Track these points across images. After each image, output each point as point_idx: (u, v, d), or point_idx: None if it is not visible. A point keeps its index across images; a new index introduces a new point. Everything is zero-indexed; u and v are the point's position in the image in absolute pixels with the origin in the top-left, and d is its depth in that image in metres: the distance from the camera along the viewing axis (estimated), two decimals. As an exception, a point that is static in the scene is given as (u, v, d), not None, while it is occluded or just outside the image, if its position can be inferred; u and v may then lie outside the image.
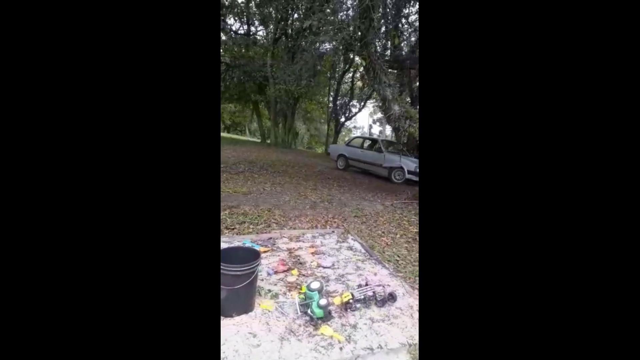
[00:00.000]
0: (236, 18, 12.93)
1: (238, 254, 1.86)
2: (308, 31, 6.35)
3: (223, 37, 12.80)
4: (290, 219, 3.74)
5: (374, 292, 1.96)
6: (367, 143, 8.83)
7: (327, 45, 8.10)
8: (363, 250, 2.92)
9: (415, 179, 6.77)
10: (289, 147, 14.45)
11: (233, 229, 3.18)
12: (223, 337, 1.53)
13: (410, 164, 7.04)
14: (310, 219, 3.82)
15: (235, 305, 1.71)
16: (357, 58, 11.82)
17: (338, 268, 2.48)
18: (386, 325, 1.76)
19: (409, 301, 2.03)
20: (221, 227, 3.16)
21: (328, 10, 6.66)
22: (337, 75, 15.61)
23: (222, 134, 19.73)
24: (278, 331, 1.63)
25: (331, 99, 16.77)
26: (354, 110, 17.37)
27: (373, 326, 1.75)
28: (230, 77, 14.21)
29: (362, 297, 1.92)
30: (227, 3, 11.39)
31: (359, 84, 16.36)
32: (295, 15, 11.64)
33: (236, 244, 2.68)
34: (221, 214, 3.52)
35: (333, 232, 3.40)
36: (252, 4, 12.14)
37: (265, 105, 15.96)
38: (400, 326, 1.77)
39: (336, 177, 7.41)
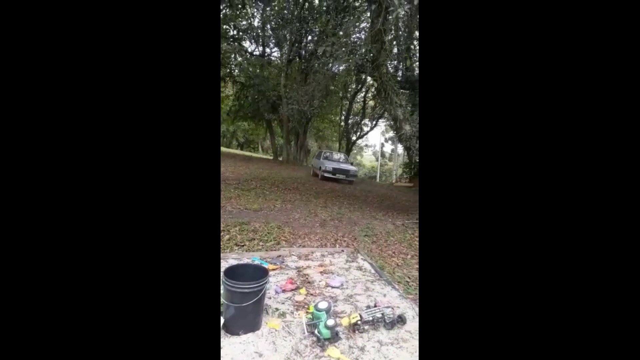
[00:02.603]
0: (252, 41, 13.44)
1: (246, 271, 1.87)
2: (321, 54, 6.56)
3: (239, 59, 13.27)
4: (300, 236, 3.74)
5: (382, 314, 1.92)
6: (322, 155, 11.19)
7: (340, 67, 8.33)
8: (373, 271, 2.88)
9: (327, 175, 9.38)
10: (301, 165, 14.58)
11: (243, 245, 3.20)
12: (229, 356, 1.52)
13: (327, 165, 9.54)
14: (319, 237, 3.81)
15: (242, 323, 1.71)
16: (369, 78, 12.06)
17: (347, 288, 2.45)
18: (395, 349, 1.71)
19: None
20: (231, 244, 3.18)
21: (341, 33, 6.88)
22: (349, 95, 15.87)
23: (236, 151, 20.09)
24: (284, 351, 1.61)
25: (343, 117, 16.98)
26: (365, 129, 17.52)
27: (381, 349, 1.70)
28: (245, 96, 14.64)
29: (371, 318, 1.89)
30: (244, 26, 11.90)
31: (371, 103, 16.55)
32: (309, 38, 12.03)
33: (245, 260, 2.69)
34: (232, 230, 3.55)
35: (342, 251, 3.37)
36: (268, 27, 12.63)
37: (278, 124, 16.27)
38: (409, 350, 1.71)
39: (346, 195, 7.40)
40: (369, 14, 7.11)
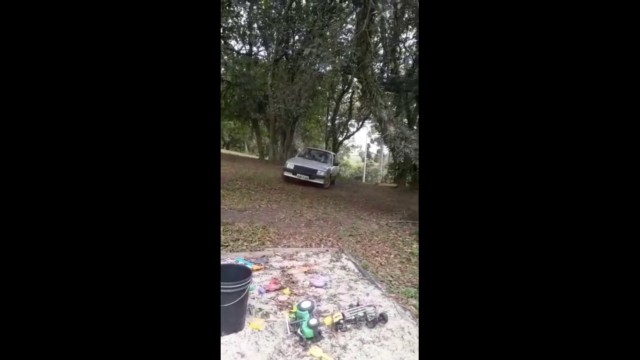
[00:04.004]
0: (238, 39, 13.30)
1: (229, 272, 1.86)
2: (307, 54, 6.58)
3: (225, 57, 13.12)
4: (285, 236, 3.74)
5: (365, 313, 1.95)
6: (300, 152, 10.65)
7: (327, 67, 8.36)
8: (356, 270, 2.92)
9: (287, 175, 8.21)
10: (287, 165, 14.50)
11: (227, 246, 3.17)
12: (211, 357, 1.52)
13: (289, 163, 8.43)
14: (304, 237, 3.82)
15: (224, 323, 1.70)
16: (355, 79, 12.13)
17: (330, 288, 2.48)
18: (376, 347, 1.75)
19: (400, 322, 2.02)
20: (215, 244, 3.15)
21: (328, 33, 6.91)
22: (335, 95, 15.94)
23: (221, 150, 19.86)
24: (267, 351, 1.62)
25: (329, 118, 17.04)
26: (352, 129, 17.64)
27: (363, 347, 1.73)
28: (230, 94, 14.47)
29: (353, 317, 1.91)
30: (229, 25, 11.77)
31: (357, 104, 16.67)
32: (296, 37, 12.01)
33: (229, 261, 2.68)
34: (216, 230, 3.52)
35: (327, 251, 3.40)
36: (255, 25, 12.53)
37: (265, 123, 16.17)
38: (390, 348, 1.75)
39: (332, 196, 7.44)
40: (354, 16, 7.17)
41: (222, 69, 13.80)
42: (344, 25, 7.46)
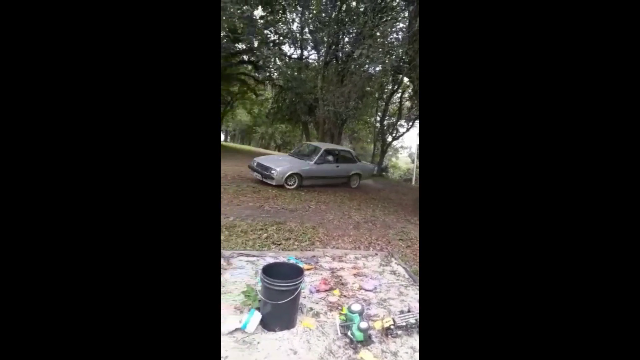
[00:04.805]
0: (291, 44, 13.75)
1: (282, 270, 1.94)
2: (357, 56, 6.57)
3: (279, 63, 13.66)
4: (334, 238, 3.78)
5: (416, 320, 1.90)
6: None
7: (376, 68, 8.27)
8: (407, 276, 2.85)
9: (252, 173, 7.34)
10: (335, 166, 14.58)
11: (279, 244, 3.31)
12: (265, 351, 1.60)
13: (253, 161, 7.55)
14: (353, 239, 3.83)
15: (278, 320, 1.79)
16: (405, 79, 11.79)
17: (380, 292, 2.45)
18: (429, 357, 1.70)
19: (454, 334, 1.93)
20: (269, 242, 3.31)
21: (378, 34, 6.83)
22: (385, 96, 15.64)
23: (274, 153, 20.67)
24: (318, 350, 1.66)
25: (378, 119, 16.77)
26: (401, 130, 17.17)
27: (414, 356, 1.69)
28: (283, 98, 15.01)
29: (404, 323, 1.88)
30: (284, 31, 12.22)
31: (407, 104, 16.17)
32: (346, 39, 12.06)
33: (282, 259, 2.79)
34: (269, 229, 3.69)
35: (376, 254, 3.36)
36: (306, 30, 12.85)
37: (314, 126, 16.44)
38: (444, 359, 1.69)
39: (381, 198, 7.32)
40: (406, 14, 6.99)
41: (275, 74, 14.37)
42: (396, 24, 7.31)
